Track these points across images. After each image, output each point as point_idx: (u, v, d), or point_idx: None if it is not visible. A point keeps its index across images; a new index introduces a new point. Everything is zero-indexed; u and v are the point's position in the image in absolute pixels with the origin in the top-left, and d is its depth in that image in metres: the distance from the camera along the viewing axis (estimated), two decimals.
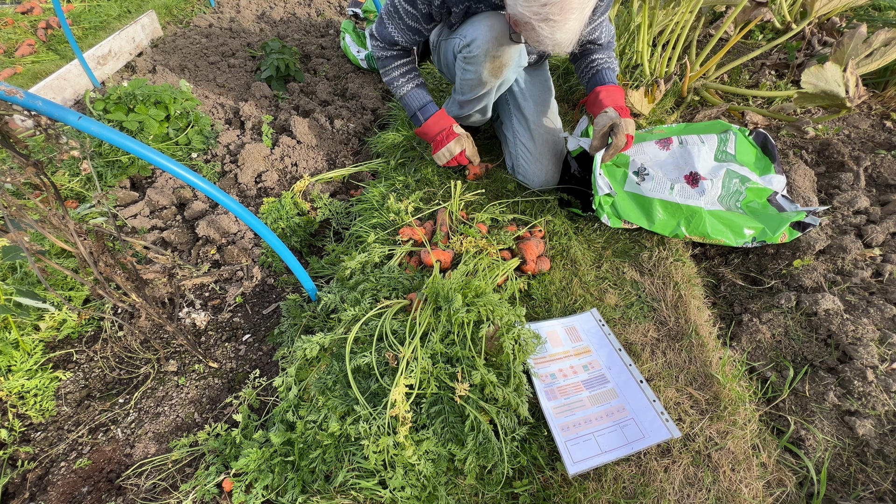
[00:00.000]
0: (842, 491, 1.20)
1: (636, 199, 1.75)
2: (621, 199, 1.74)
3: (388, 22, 1.74)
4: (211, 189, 1.12)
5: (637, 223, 1.71)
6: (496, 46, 1.58)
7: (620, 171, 1.80)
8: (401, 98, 1.91)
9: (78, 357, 1.64)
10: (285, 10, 4.12)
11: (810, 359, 1.44)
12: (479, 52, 1.60)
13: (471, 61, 1.65)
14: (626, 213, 1.72)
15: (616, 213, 1.73)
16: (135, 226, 2.04)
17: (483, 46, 1.58)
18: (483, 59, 1.61)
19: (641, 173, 1.76)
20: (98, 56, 3.02)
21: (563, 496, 1.18)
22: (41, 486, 1.32)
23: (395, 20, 1.71)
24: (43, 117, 0.92)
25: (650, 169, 1.76)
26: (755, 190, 1.74)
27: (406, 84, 1.87)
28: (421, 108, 1.88)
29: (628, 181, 1.77)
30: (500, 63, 1.63)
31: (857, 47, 1.98)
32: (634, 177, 1.77)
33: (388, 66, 1.86)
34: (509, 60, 1.64)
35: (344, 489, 1.18)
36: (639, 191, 1.75)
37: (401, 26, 1.71)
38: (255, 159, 2.34)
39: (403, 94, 1.89)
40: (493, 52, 1.59)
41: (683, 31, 2.32)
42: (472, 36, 1.59)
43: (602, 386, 1.39)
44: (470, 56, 1.63)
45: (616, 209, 1.73)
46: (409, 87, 1.87)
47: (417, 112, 1.89)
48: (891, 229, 1.69)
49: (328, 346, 1.36)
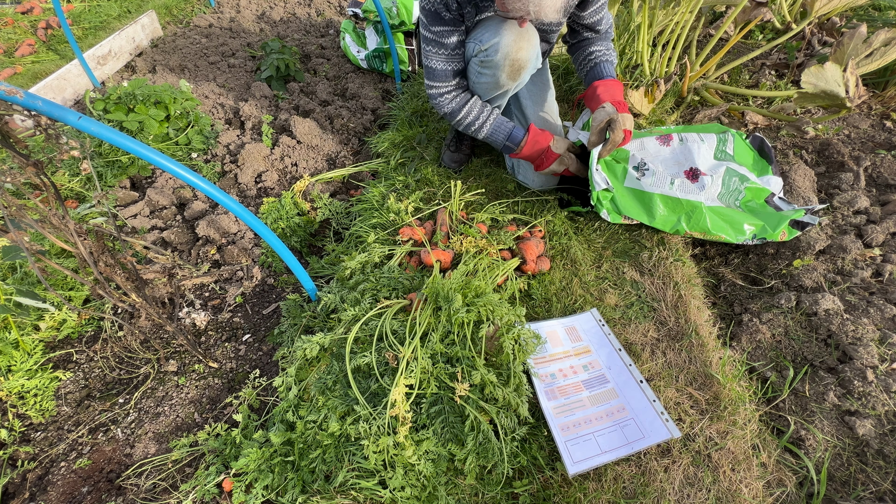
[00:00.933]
0: (842, 491, 1.20)
1: (636, 194, 1.74)
2: (621, 195, 1.74)
3: (434, 63, 1.67)
4: (211, 189, 1.12)
5: (637, 218, 1.71)
6: (516, 50, 1.57)
7: (620, 166, 1.80)
8: (485, 139, 1.83)
9: (78, 357, 1.64)
10: (285, 10, 4.12)
11: (810, 359, 1.44)
12: (498, 56, 1.58)
13: (488, 65, 1.63)
14: (627, 208, 1.72)
15: (616, 209, 1.73)
16: (135, 226, 2.04)
17: (502, 50, 1.57)
18: (502, 62, 1.60)
19: (641, 168, 1.76)
20: (98, 56, 3.02)
21: (563, 496, 1.18)
22: (41, 486, 1.32)
23: (436, 55, 1.65)
24: (43, 117, 0.92)
25: (650, 164, 1.76)
26: (754, 190, 1.75)
27: (485, 124, 1.78)
28: (509, 137, 1.79)
29: (628, 177, 1.77)
30: (519, 66, 1.62)
31: (857, 47, 1.98)
32: (634, 172, 1.77)
33: (462, 112, 1.75)
34: (527, 63, 1.63)
35: (344, 489, 1.18)
36: (639, 186, 1.75)
37: (445, 54, 1.65)
38: (255, 159, 2.34)
39: (486, 136, 1.81)
40: (513, 56, 1.58)
41: (683, 31, 2.32)
42: (490, 40, 1.57)
43: (602, 386, 1.39)
44: (488, 60, 1.61)
45: (616, 204, 1.73)
46: (488, 124, 1.78)
47: (506, 142, 1.80)
48: (891, 229, 1.69)
49: (328, 346, 1.36)
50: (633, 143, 1.89)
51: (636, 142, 1.89)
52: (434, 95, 1.76)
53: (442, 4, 1.54)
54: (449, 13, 1.56)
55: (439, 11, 1.55)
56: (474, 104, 1.77)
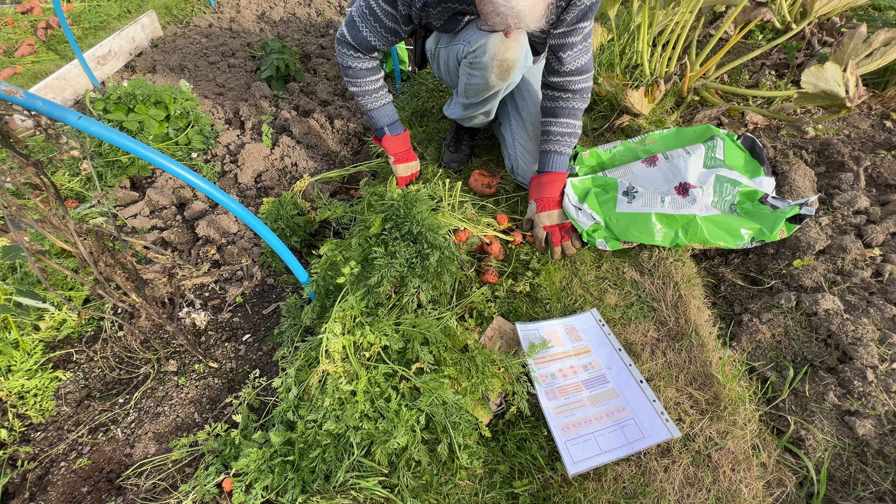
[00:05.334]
0: (842, 491, 1.20)
1: (631, 217, 1.72)
2: (616, 222, 1.72)
3: (361, 25, 1.67)
4: (211, 189, 1.12)
5: (637, 241, 1.69)
6: (504, 50, 1.56)
7: (609, 195, 1.78)
8: (370, 111, 1.92)
9: (78, 357, 1.64)
10: (285, 10, 4.12)
11: (810, 359, 1.44)
12: (486, 58, 1.58)
13: (477, 66, 1.62)
14: (624, 233, 1.69)
15: (614, 236, 1.71)
16: (135, 226, 2.04)
17: (490, 51, 1.56)
18: (490, 63, 1.59)
19: (631, 192, 1.76)
20: (98, 56, 3.02)
21: (563, 496, 1.18)
22: (41, 486, 1.32)
23: (369, 22, 1.65)
24: (43, 117, 0.92)
25: (638, 186, 1.77)
26: (746, 192, 1.74)
27: (379, 100, 1.89)
28: (390, 125, 1.95)
29: (619, 203, 1.76)
30: (508, 66, 1.61)
31: (857, 47, 1.98)
32: (624, 198, 1.76)
33: (363, 79, 1.82)
34: (516, 63, 1.62)
35: (344, 489, 1.18)
36: (630, 209, 1.73)
37: (377, 28, 1.66)
38: (255, 159, 2.34)
39: (374, 108, 1.91)
40: (501, 56, 1.57)
41: (683, 31, 2.32)
42: (477, 41, 1.57)
43: (602, 386, 1.39)
44: (476, 61, 1.61)
45: (613, 232, 1.72)
46: (381, 102, 1.90)
47: (385, 127, 1.95)
48: (891, 229, 1.69)
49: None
50: (619, 169, 1.90)
51: (622, 168, 1.90)
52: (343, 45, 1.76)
53: None
54: (405, 7, 1.59)
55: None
56: (376, 81, 1.85)
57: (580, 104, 1.75)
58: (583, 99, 1.75)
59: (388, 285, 1.33)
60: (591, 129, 2.32)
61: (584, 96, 1.74)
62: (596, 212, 1.74)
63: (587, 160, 1.98)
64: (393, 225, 1.40)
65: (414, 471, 1.19)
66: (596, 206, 1.75)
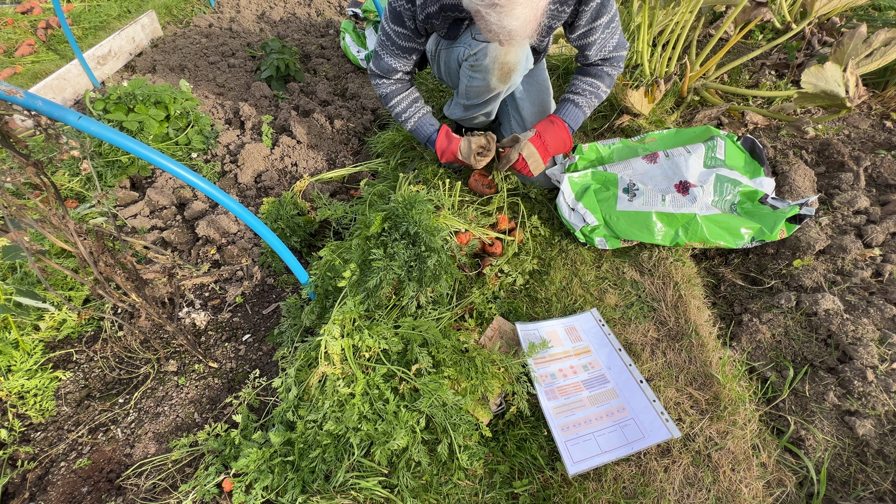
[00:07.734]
0: (842, 491, 1.20)
1: (631, 216, 1.72)
2: (617, 220, 1.72)
3: (383, 54, 1.71)
4: (211, 189, 1.12)
5: (637, 239, 1.69)
6: (504, 53, 1.56)
7: (610, 192, 1.78)
8: (410, 131, 1.90)
9: (78, 357, 1.64)
10: (285, 10, 4.12)
11: (810, 359, 1.44)
12: (487, 60, 1.58)
13: (478, 69, 1.63)
14: (624, 231, 1.70)
15: (613, 234, 1.71)
16: (135, 226, 2.04)
17: (491, 53, 1.56)
18: (492, 66, 1.60)
19: (631, 190, 1.75)
20: (98, 56, 3.02)
21: (563, 496, 1.18)
22: (41, 486, 1.32)
23: (388, 48, 1.69)
24: (43, 117, 0.92)
25: (639, 184, 1.76)
26: (747, 192, 1.74)
27: (411, 118, 1.86)
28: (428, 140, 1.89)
29: (619, 200, 1.76)
30: (509, 69, 1.62)
31: (857, 47, 1.98)
32: (625, 195, 1.76)
33: (392, 101, 1.83)
34: (517, 65, 1.63)
35: (344, 489, 1.18)
36: (632, 207, 1.73)
37: (395, 52, 1.69)
38: (255, 159, 2.34)
39: (411, 130, 1.89)
40: (502, 59, 1.58)
41: (683, 31, 2.32)
42: (478, 44, 1.58)
43: (602, 386, 1.39)
44: (477, 64, 1.61)
45: (612, 230, 1.72)
46: (412, 120, 1.86)
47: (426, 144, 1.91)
48: (891, 229, 1.69)
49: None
50: (620, 164, 1.89)
51: (623, 163, 1.89)
52: (373, 76, 1.81)
53: (408, 12, 1.55)
54: (412, 22, 1.58)
55: (403, 15, 1.57)
56: (406, 97, 1.82)
57: (613, 71, 1.76)
58: (615, 68, 1.76)
59: (388, 287, 1.33)
60: (590, 129, 2.32)
61: (617, 65, 1.75)
62: (595, 210, 1.74)
63: (587, 153, 1.98)
64: (392, 225, 1.40)
65: (414, 471, 1.19)
66: (595, 205, 1.75)
